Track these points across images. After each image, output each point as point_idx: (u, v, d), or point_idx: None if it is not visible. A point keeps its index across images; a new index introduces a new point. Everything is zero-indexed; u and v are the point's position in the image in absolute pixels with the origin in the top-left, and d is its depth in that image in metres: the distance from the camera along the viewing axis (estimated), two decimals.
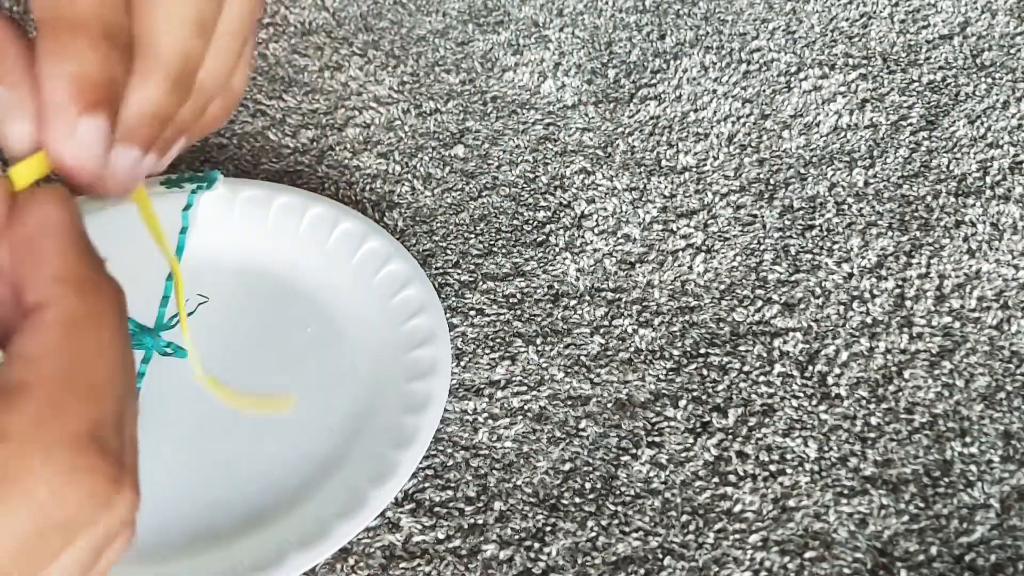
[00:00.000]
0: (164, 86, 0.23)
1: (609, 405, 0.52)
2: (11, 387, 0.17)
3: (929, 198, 0.62)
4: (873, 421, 0.51)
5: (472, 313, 0.56)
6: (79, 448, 0.17)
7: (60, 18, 0.21)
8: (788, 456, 0.50)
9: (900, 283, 0.57)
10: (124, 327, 0.19)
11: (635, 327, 0.55)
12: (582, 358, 0.54)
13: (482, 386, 0.53)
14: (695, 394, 0.52)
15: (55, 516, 0.17)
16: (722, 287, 0.57)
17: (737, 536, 0.47)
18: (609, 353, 0.54)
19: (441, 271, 0.58)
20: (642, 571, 0.46)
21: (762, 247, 0.59)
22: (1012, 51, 0.72)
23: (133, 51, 0.22)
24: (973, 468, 0.49)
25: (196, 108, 0.25)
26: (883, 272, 0.58)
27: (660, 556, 0.46)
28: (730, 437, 0.50)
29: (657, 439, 0.50)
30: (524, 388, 0.53)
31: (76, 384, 0.17)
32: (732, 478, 0.49)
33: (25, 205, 0.20)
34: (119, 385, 0.18)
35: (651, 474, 0.49)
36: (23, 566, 0.17)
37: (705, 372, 0.53)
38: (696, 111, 0.68)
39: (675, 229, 0.60)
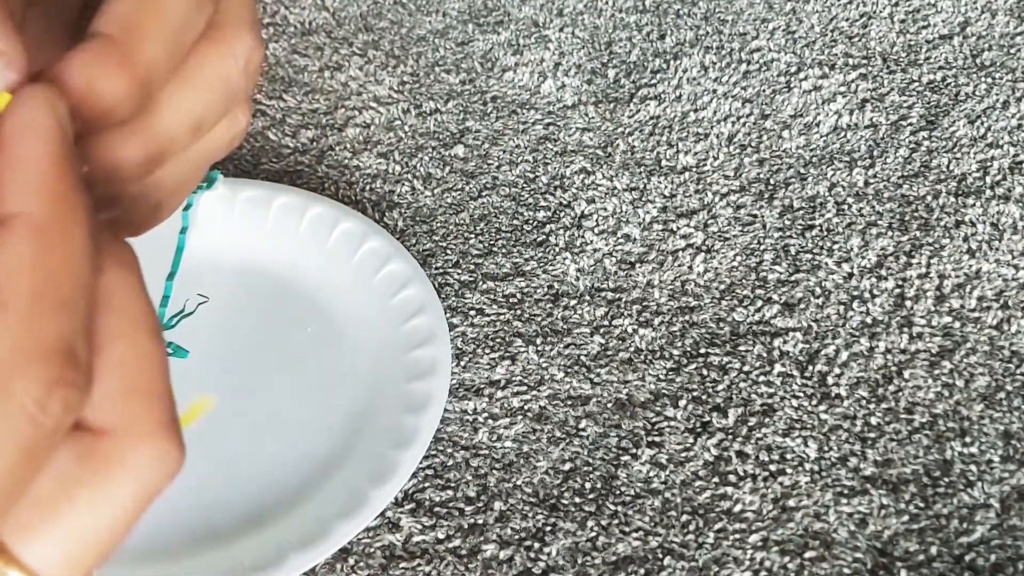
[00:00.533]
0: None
1: (609, 405, 0.52)
2: None
3: (929, 198, 0.62)
4: (873, 421, 0.51)
5: (472, 313, 0.56)
6: (55, 361, 0.18)
7: None
8: (788, 456, 0.50)
9: (900, 283, 0.57)
10: (90, 242, 0.19)
11: (635, 327, 0.55)
12: (582, 358, 0.54)
13: (482, 386, 0.53)
14: (695, 394, 0.52)
15: (42, 425, 0.18)
16: (722, 287, 0.57)
17: (737, 536, 0.47)
18: (609, 353, 0.54)
19: (441, 271, 0.58)
20: (642, 571, 0.46)
21: (762, 247, 0.59)
22: (1012, 51, 0.72)
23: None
24: (973, 468, 0.49)
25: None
26: (883, 272, 0.58)
27: (660, 556, 0.46)
28: (730, 437, 0.50)
29: (657, 439, 0.50)
30: (524, 388, 0.53)
31: (48, 299, 0.18)
32: (732, 478, 0.49)
33: (11, 106, 0.19)
34: (85, 300, 0.19)
35: (651, 474, 0.49)
36: (16, 475, 0.18)
37: (705, 372, 0.53)
38: (696, 111, 0.68)
39: (675, 229, 0.60)
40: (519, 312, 0.56)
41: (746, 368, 0.53)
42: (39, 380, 0.18)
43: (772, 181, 0.63)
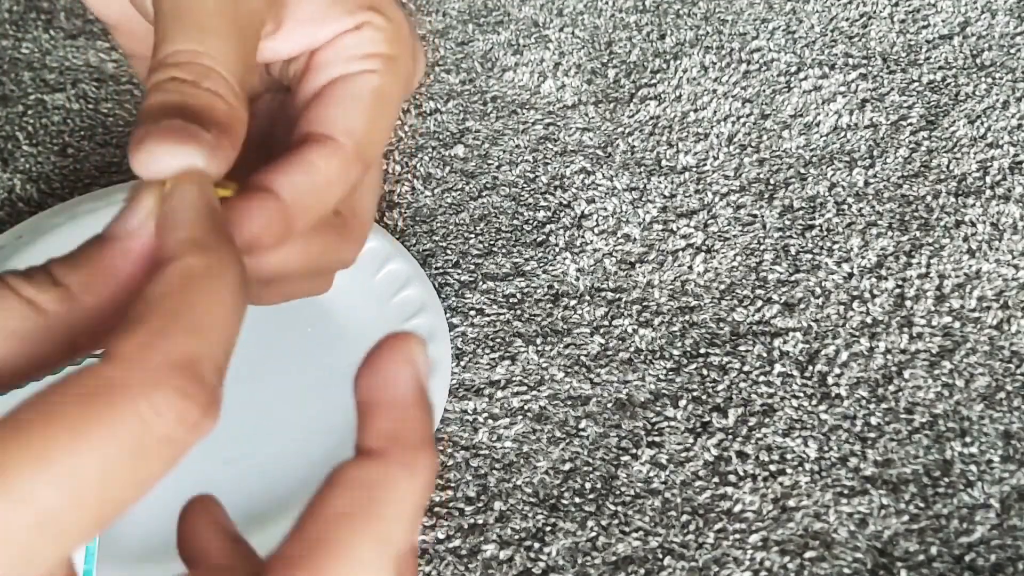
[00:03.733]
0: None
1: (609, 405, 0.52)
2: (127, 319, 0.20)
3: (929, 198, 0.62)
4: (873, 421, 0.51)
5: (472, 313, 0.56)
6: (179, 373, 0.19)
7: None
8: (788, 456, 0.50)
9: (900, 283, 0.57)
10: (239, 289, 0.21)
11: (635, 327, 0.55)
12: (582, 358, 0.54)
13: (482, 386, 0.53)
14: (695, 394, 0.52)
15: (154, 431, 0.19)
16: (722, 287, 0.57)
17: (737, 536, 0.47)
18: (609, 353, 0.54)
19: (441, 271, 0.58)
20: (642, 571, 0.46)
21: (762, 247, 0.59)
22: (1012, 51, 0.72)
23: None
24: (973, 468, 0.49)
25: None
26: (883, 272, 0.58)
27: (660, 556, 0.46)
28: (730, 437, 0.50)
29: (657, 439, 0.50)
30: (524, 388, 0.53)
31: (183, 321, 0.20)
32: (732, 478, 0.49)
33: (171, 189, 0.23)
34: (225, 334, 0.21)
35: (651, 474, 0.49)
36: (127, 479, 0.18)
37: (705, 372, 0.53)
38: (696, 111, 0.68)
39: (675, 229, 0.60)
40: (519, 312, 0.56)
41: (746, 368, 0.53)
42: (160, 386, 0.19)
43: (772, 181, 0.63)
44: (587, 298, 0.57)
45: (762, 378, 0.53)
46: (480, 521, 0.47)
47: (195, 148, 0.23)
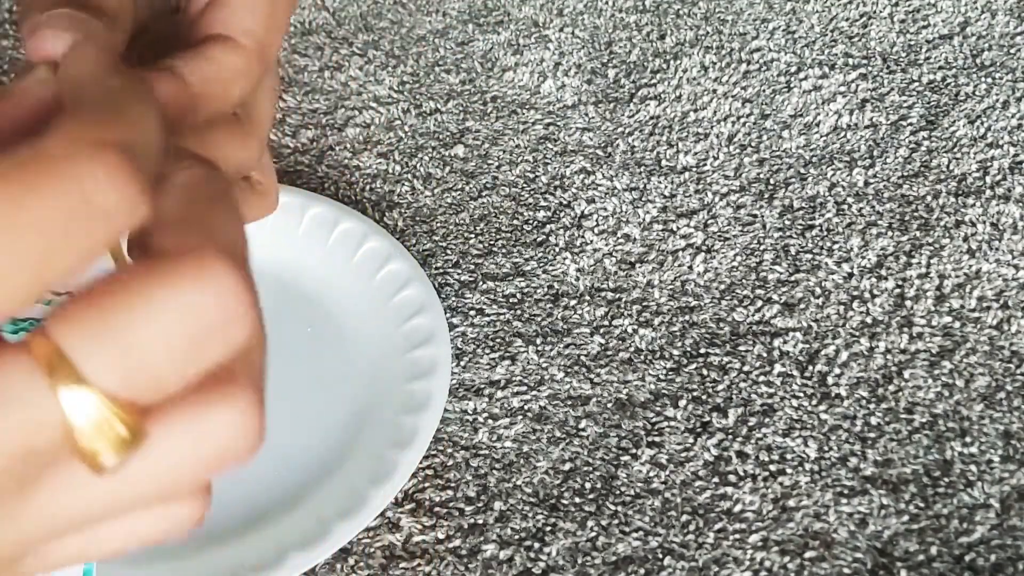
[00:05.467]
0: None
1: (609, 405, 0.52)
2: (62, 116, 0.20)
3: (929, 198, 0.62)
4: (873, 421, 0.51)
5: (472, 313, 0.56)
6: (117, 151, 0.19)
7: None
8: (788, 456, 0.50)
9: (900, 283, 0.57)
10: (153, 99, 0.22)
11: (635, 327, 0.55)
12: (582, 358, 0.54)
13: (482, 386, 0.53)
14: (695, 394, 0.52)
15: (92, 198, 0.19)
16: (722, 287, 0.57)
17: (737, 536, 0.47)
18: (609, 353, 0.54)
19: (441, 271, 0.58)
20: (642, 571, 0.46)
21: (762, 247, 0.59)
22: (1012, 51, 0.72)
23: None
24: (973, 468, 0.49)
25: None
26: (883, 272, 0.58)
27: (660, 556, 0.46)
28: (730, 437, 0.50)
29: (657, 439, 0.50)
30: (524, 388, 0.53)
31: (115, 114, 0.20)
32: (732, 478, 0.49)
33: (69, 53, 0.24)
34: (151, 131, 0.21)
35: (651, 474, 0.49)
36: (65, 245, 0.19)
37: (705, 372, 0.53)
38: (696, 111, 0.68)
39: (675, 229, 0.60)
40: (519, 312, 0.56)
41: (746, 368, 0.53)
42: (99, 160, 0.19)
43: (772, 181, 0.63)
44: (587, 298, 0.57)
45: (762, 378, 0.53)
46: (480, 521, 0.47)
47: (83, 32, 0.25)
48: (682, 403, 0.52)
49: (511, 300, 0.57)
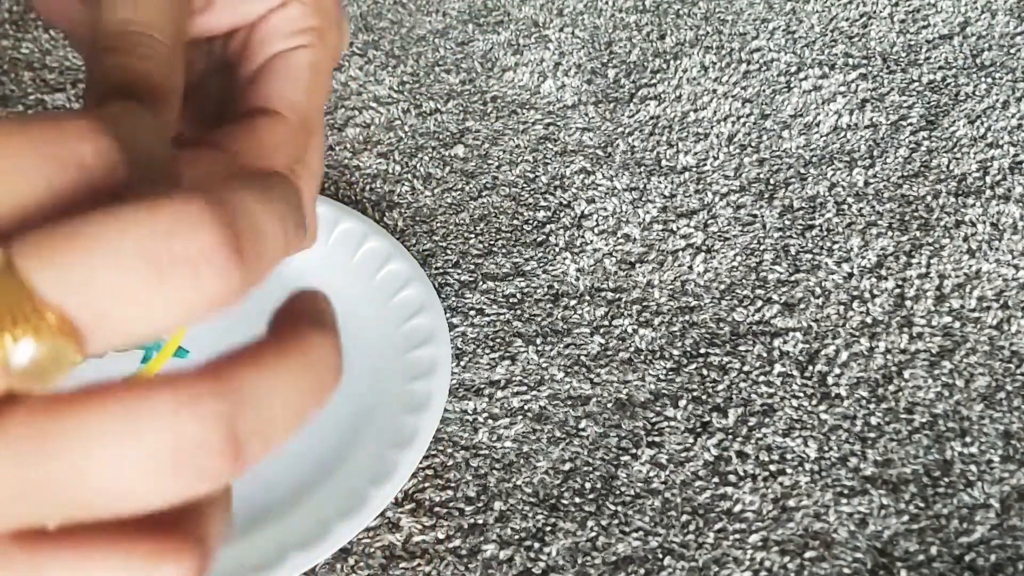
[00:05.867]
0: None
1: (609, 405, 0.52)
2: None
3: (929, 198, 0.62)
4: (873, 421, 0.51)
5: (472, 313, 0.56)
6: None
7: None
8: (788, 456, 0.50)
9: (900, 283, 0.57)
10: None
11: (635, 327, 0.55)
12: (582, 358, 0.54)
13: (482, 386, 0.53)
14: (695, 394, 0.52)
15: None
16: (722, 287, 0.57)
17: (737, 536, 0.47)
18: (609, 353, 0.54)
19: (441, 271, 0.58)
20: (642, 571, 0.46)
21: (762, 247, 0.59)
22: (1012, 51, 0.72)
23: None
24: (973, 468, 0.49)
25: None
26: (883, 272, 0.58)
27: (660, 556, 0.46)
28: (730, 437, 0.50)
29: (657, 439, 0.50)
30: (524, 388, 0.53)
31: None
32: (732, 478, 0.49)
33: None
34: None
35: (651, 474, 0.49)
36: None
37: (705, 372, 0.53)
38: (696, 111, 0.68)
39: (675, 229, 0.60)
40: (519, 312, 0.56)
41: (746, 368, 0.53)
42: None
43: (772, 181, 0.63)
44: (587, 298, 0.57)
45: (762, 378, 0.53)
46: (480, 521, 0.47)
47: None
48: (682, 403, 0.52)
49: (511, 300, 0.57)
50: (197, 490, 0.18)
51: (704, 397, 0.52)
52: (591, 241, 0.60)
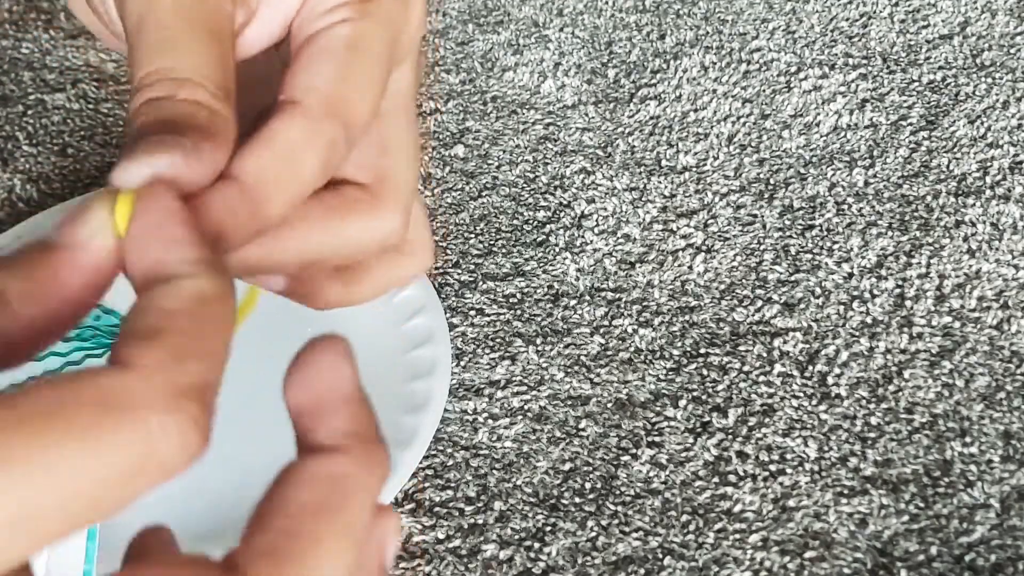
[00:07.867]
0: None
1: (609, 405, 0.52)
2: (139, 328, 0.19)
3: (929, 198, 0.62)
4: (873, 421, 0.51)
5: (472, 313, 0.56)
6: (194, 400, 0.19)
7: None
8: (788, 456, 0.50)
9: (900, 283, 0.57)
10: (234, 312, 0.21)
11: (635, 327, 0.55)
12: (582, 358, 0.54)
13: (482, 386, 0.53)
14: (695, 394, 0.52)
15: (157, 453, 0.18)
16: (722, 287, 0.57)
17: (737, 536, 0.47)
18: (609, 353, 0.54)
19: (441, 271, 0.58)
20: (642, 571, 0.46)
21: (762, 247, 0.59)
22: (1012, 51, 0.72)
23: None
24: (973, 468, 0.49)
25: None
26: (883, 272, 0.58)
27: (660, 556, 0.46)
28: (730, 437, 0.50)
29: (657, 439, 0.50)
30: (524, 388, 0.53)
31: (199, 345, 0.20)
32: (732, 478, 0.49)
33: (142, 201, 0.22)
34: (225, 360, 0.20)
35: (651, 474, 0.49)
36: (115, 493, 0.18)
37: (705, 372, 0.53)
38: (696, 111, 0.68)
39: (675, 229, 0.60)
40: (519, 312, 0.56)
41: (746, 368, 0.53)
42: (174, 411, 0.19)
43: (772, 181, 0.63)
44: (587, 298, 0.57)
45: (762, 378, 0.53)
46: (480, 521, 0.47)
47: (165, 155, 0.22)
48: (682, 403, 0.52)
49: (511, 300, 0.57)
50: None
51: (704, 397, 0.52)
52: (591, 241, 0.60)
